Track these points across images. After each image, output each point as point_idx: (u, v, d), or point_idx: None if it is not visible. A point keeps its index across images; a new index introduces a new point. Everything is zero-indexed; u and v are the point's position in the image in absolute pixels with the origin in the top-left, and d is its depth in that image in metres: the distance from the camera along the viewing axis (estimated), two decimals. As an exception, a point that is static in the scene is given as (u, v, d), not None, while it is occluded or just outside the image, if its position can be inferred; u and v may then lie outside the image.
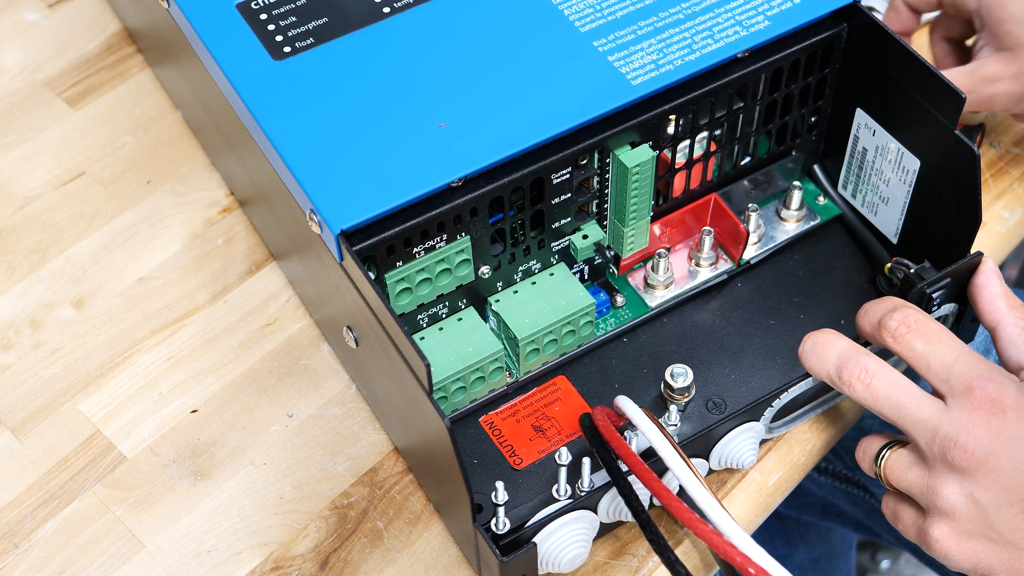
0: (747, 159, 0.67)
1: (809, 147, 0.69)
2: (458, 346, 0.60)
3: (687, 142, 0.63)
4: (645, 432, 0.53)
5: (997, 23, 0.66)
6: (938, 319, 0.64)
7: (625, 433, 0.55)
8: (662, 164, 0.63)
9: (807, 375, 0.60)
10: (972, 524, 0.52)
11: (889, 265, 0.64)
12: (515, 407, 0.63)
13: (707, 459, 0.60)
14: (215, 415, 0.66)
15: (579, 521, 0.55)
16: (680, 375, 0.61)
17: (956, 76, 0.68)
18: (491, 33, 0.62)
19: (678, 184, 0.65)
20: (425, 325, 0.61)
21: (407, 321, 0.60)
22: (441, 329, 0.61)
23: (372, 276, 0.54)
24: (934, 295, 0.60)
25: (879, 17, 0.68)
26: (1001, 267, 1.17)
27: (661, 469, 0.55)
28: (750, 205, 0.67)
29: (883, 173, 0.65)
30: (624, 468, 0.54)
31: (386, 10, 0.63)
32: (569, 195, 0.60)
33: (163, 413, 0.66)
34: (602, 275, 0.67)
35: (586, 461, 0.55)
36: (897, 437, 0.58)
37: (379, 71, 0.60)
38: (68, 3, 0.84)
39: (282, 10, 0.63)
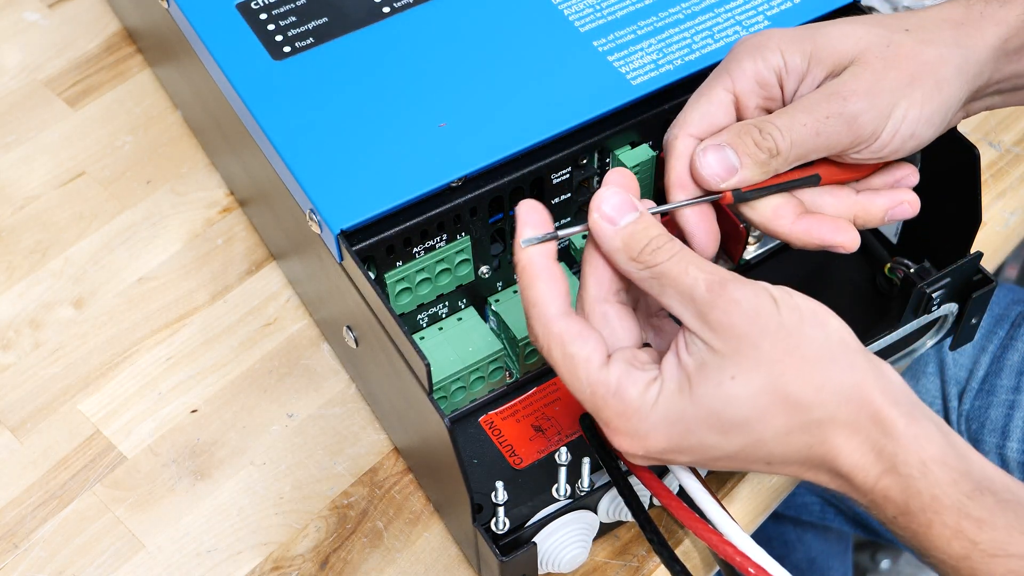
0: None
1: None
2: (458, 346, 0.60)
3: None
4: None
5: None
6: (938, 319, 0.64)
7: (625, 433, 0.55)
8: (662, 164, 0.63)
9: None
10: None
11: (889, 265, 0.64)
12: (515, 407, 0.63)
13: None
14: (215, 415, 0.66)
15: (579, 521, 0.55)
16: None
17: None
18: (491, 33, 0.62)
19: (678, 184, 0.65)
20: (425, 325, 0.61)
21: (407, 321, 0.60)
22: (441, 329, 0.61)
23: (372, 276, 0.54)
24: (934, 295, 0.60)
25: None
26: (1001, 267, 1.17)
27: (661, 469, 0.55)
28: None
29: (883, 173, 0.65)
30: (624, 468, 0.54)
31: (386, 10, 0.63)
32: (569, 195, 0.60)
33: (163, 413, 0.66)
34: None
35: (586, 461, 0.55)
36: None
37: (379, 71, 0.60)
38: (68, 3, 0.84)
39: (282, 10, 0.63)
